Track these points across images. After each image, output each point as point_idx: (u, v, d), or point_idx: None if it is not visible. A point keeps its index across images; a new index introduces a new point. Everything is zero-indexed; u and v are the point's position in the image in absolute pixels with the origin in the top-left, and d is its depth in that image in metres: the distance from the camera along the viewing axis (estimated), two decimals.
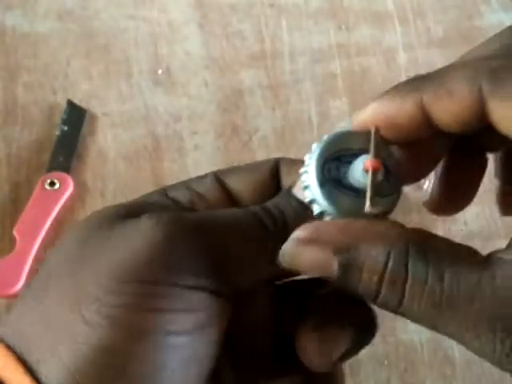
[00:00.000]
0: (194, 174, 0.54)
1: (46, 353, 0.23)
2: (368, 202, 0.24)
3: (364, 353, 0.48)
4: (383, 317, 0.50)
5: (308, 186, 0.25)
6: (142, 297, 0.23)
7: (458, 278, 0.22)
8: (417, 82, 0.26)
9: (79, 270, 0.24)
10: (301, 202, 0.26)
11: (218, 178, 0.28)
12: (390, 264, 0.22)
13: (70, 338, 0.22)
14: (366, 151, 0.25)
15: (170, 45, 0.60)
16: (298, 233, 0.24)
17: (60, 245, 0.26)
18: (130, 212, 0.25)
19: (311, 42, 0.61)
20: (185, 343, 0.23)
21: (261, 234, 0.25)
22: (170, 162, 0.55)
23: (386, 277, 0.22)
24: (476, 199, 0.55)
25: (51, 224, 0.52)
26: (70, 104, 0.57)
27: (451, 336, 0.23)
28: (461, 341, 0.23)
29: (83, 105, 0.57)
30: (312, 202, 0.25)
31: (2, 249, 0.52)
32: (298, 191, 0.26)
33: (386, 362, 0.48)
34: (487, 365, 0.49)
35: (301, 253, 0.24)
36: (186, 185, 0.28)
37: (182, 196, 0.27)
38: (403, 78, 0.59)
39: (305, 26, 0.61)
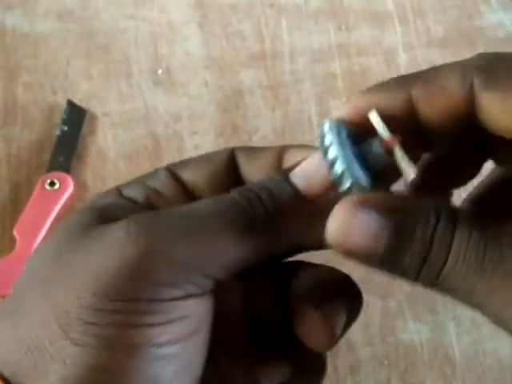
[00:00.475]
0: None
1: (34, 379, 0.22)
2: (412, 169, 0.24)
3: (364, 353, 0.49)
4: (383, 317, 0.50)
5: (337, 158, 0.24)
6: (126, 314, 0.22)
7: (499, 230, 0.22)
8: (407, 78, 0.26)
9: (56, 290, 0.23)
10: (296, 189, 0.25)
11: (171, 171, 0.28)
12: (440, 224, 0.22)
13: (59, 362, 0.22)
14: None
15: (170, 45, 0.60)
16: (348, 200, 0.23)
17: (32, 261, 0.25)
18: (104, 217, 0.25)
19: (311, 42, 0.61)
20: (177, 352, 0.23)
21: (248, 225, 0.24)
22: (170, 162, 0.55)
23: (437, 235, 0.22)
24: None
25: (51, 224, 0.52)
26: (70, 104, 0.57)
27: (486, 302, 0.22)
28: (497, 306, 0.22)
29: (83, 105, 0.57)
30: (341, 175, 0.24)
31: (2, 249, 0.52)
32: (297, 177, 0.25)
33: (386, 362, 0.48)
34: (487, 365, 0.49)
35: (354, 219, 0.23)
36: (139, 182, 0.27)
37: (137, 194, 0.27)
38: None
39: (305, 26, 0.61)
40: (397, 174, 0.25)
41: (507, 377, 0.47)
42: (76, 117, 0.57)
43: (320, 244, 0.25)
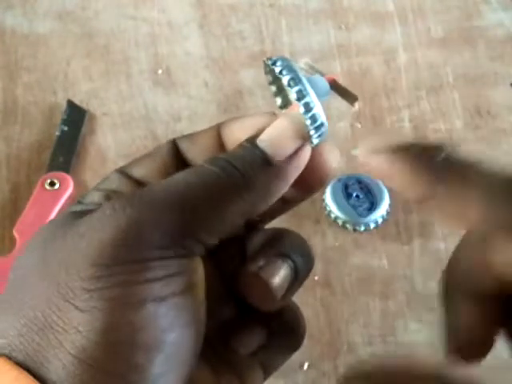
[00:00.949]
0: None
1: (51, 354, 0.23)
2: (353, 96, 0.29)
3: (364, 353, 0.48)
4: (383, 317, 0.50)
5: (294, 79, 0.27)
6: (125, 274, 0.24)
7: None
8: None
9: (55, 270, 0.24)
10: (266, 153, 0.27)
11: (122, 172, 0.29)
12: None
13: (72, 331, 0.23)
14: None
15: (170, 45, 0.60)
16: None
17: (26, 249, 0.27)
18: (84, 212, 0.26)
19: (311, 42, 0.61)
20: (181, 304, 0.24)
21: (227, 191, 0.26)
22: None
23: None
24: None
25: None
26: (70, 104, 0.57)
27: None
28: None
29: (83, 105, 0.57)
30: (300, 93, 0.27)
31: (1, 249, 0.52)
32: (264, 142, 0.27)
33: None
34: (487, 364, 0.49)
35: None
36: (95, 189, 0.29)
37: (97, 198, 0.28)
38: (403, 78, 0.59)
39: (305, 26, 0.61)
40: None
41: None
42: (76, 117, 0.57)
43: (285, 204, 0.29)
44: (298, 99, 0.27)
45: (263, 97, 0.58)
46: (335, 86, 0.29)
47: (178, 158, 0.29)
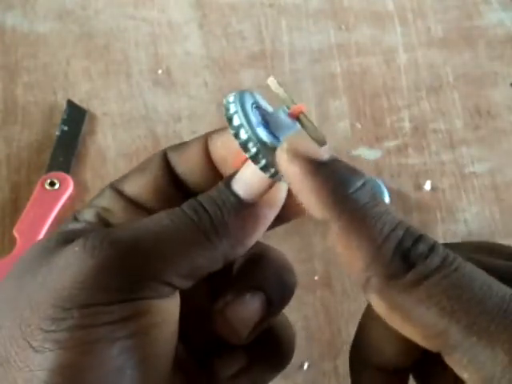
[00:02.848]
0: None
1: None
2: (320, 134, 0.25)
3: None
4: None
5: (241, 126, 0.25)
6: (83, 318, 0.24)
7: None
8: None
9: (21, 306, 0.25)
10: (238, 197, 0.26)
11: (114, 187, 0.29)
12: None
13: (25, 370, 0.24)
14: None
15: (170, 45, 0.60)
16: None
17: (8, 275, 0.27)
18: (65, 240, 0.26)
19: (311, 42, 0.61)
20: (136, 345, 0.24)
21: (199, 236, 0.25)
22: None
23: None
24: (476, 199, 0.55)
25: (51, 224, 0.52)
26: (70, 104, 0.57)
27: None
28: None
29: (83, 105, 0.57)
30: (246, 141, 0.25)
31: (1, 249, 0.52)
32: (237, 183, 0.26)
33: None
34: None
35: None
36: (89, 205, 0.29)
37: (89, 216, 0.28)
38: (403, 78, 0.59)
39: (305, 26, 0.61)
40: None
41: None
42: (76, 117, 0.57)
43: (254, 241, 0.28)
44: (245, 150, 0.25)
45: (263, 97, 0.58)
46: (301, 122, 0.26)
47: (168, 172, 0.29)
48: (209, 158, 0.29)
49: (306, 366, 0.48)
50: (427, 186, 0.54)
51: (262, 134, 0.25)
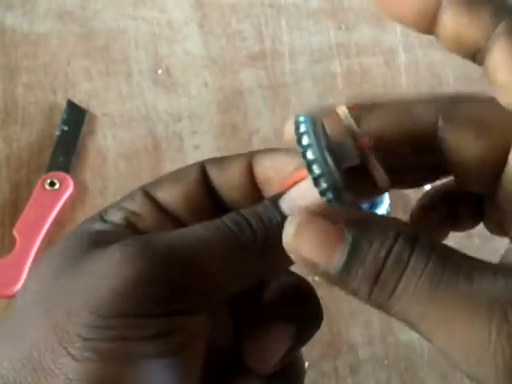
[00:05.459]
0: None
1: None
2: (384, 175, 0.25)
3: (364, 353, 0.49)
4: (383, 317, 0.50)
5: (309, 146, 0.24)
6: (122, 329, 0.23)
7: (459, 262, 0.23)
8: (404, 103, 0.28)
9: (56, 310, 0.24)
10: (284, 216, 0.25)
11: (146, 192, 0.28)
12: (398, 245, 0.22)
13: (62, 377, 0.23)
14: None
15: (170, 45, 0.60)
16: (306, 208, 0.24)
17: (30, 283, 0.26)
18: (94, 241, 0.25)
19: (311, 42, 0.61)
20: (175, 363, 0.24)
21: (239, 251, 0.25)
22: (170, 162, 0.55)
23: (392, 256, 0.22)
24: None
25: (51, 224, 0.52)
26: (70, 104, 0.57)
27: (434, 332, 0.22)
28: (445, 338, 0.22)
29: (83, 105, 0.57)
30: (312, 163, 0.24)
31: (1, 249, 0.52)
32: (286, 203, 0.25)
33: (385, 362, 0.48)
34: None
35: (302, 229, 0.23)
36: (118, 206, 0.28)
37: (117, 218, 0.27)
38: (403, 78, 0.59)
39: (305, 26, 0.61)
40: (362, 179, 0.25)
41: None
42: (76, 117, 0.57)
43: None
44: (309, 171, 0.24)
45: (263, 97, 0.58)
46: (366, 157, 0.25)
47: (204, 182, 0.28)
48: (251, 176, 0.28)
49: (306, 366, 0.48)
50: (427, 185, 0.54)
51: (328, 158, 0.24)
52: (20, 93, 0.58)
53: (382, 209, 0.52)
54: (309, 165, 0.24)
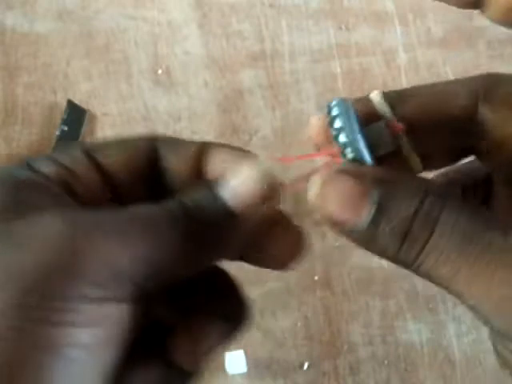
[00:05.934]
0: None
1: None
2: (417, 158, 0.25)
3: (364, 353, 0.49)
4: (383, 317, 0.50)
5: (342, 129, 0.24)
6: (46, 310, 0.22)
7: (490, 218, 0.22)
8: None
9: None
10: (225, 203, 0.24)
11: (86, 151, 0.26)
12: (427, 201, 0.22)
13: None
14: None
15: (170, 45, 0.60)
16: (328, 167, 0.23)
17: None
18: (22, 198, 0.24)
19: (311, 42, 0.61)
20: (99, 355, 0.23)
21: (178, 237, 0.23)
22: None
23: (421, 212, 0.22)
24: None
25: None
26: (70, 104, 0.57)
27: (466, 290, 0.22)
28: (477, 295, 0.22)
29: (83, 105, 0.57)
30: (344, 146, 0.24)
31: None
32: (227, 191, 0.25)
33: (386, 362, 0.48)
34: (487, 365, 0.49)
35: (329, 185, 0.23)
36: (50, 157, 0.26)
37: (49, 169, 0.25)
38: (403, 78, 0.59)
39: (305, 26, 0.61)
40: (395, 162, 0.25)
41: (507, 377, 0.47)
42: (76, 117, 0.57)
43: (241, 255, 0.26)
44: (342, 154, 0.25)
45: (263, 97, 0.58)
46: (400, 142, 0.25)
47: (151, 155, 0.27)
48: (198, 163, 0.27)
49: (306, 366, 0.48)
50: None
51: (361, 140, 0.24)
52: (20, 93, 0.58)
53: None
54: (342, 147, 0.24)
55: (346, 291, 0.50)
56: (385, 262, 0.51)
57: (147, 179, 0.27)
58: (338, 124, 0.24)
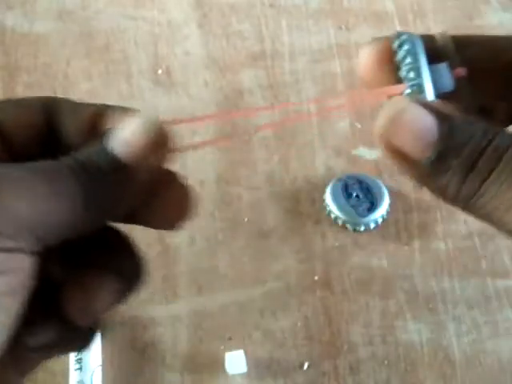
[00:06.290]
0: (194, 173, 0.54)
1: None
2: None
3: (364, 353, 0.49)
4: (383, 317, 0.50)
5: (410, 63, 0.25)
6: None
7: None
8: None
9: None
10: (114, 154, 0.25)
11: None
12: (498, 137, 0.23)
13: None
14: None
15: (170, 45, 0.60)
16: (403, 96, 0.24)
17: None
18: None
19: (311, 42, 0.61)
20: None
21: (77, 190, 0.24)
22: (170, 162, 0.55)
23: (491, 146, 0.22)
24: None
25: None
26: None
27: None
28: None
29: None
30: (410, 79, 0.25)
31: None
32: (115, 142, 0.25)
33: (386, 362, 0.48)
34: (487, 365, 0.49)
35: (404, 114, 0.23)
36: None
37: None
38: None
39: (305, 26, 0.61)
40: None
41: (507, 377, 0.47)
42: None
43: (133, 216, 0.26)
44: (410, 91, 0.25)
45: (263, 96, 0.58)
46: (461, 84, 0.26)
47: (48, 119, 0.27)
48: (95, 125, 0.28)
49: (306, 366, 0.48)
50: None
51: (428, 79, 0.25)
52: (20, 93, 0.58)
53: (382, 209, 0.52)
54: (407, 83, 0.25)
55: (346, 291, 0.50)
56: (385, 262, 0.51)
57: (44, 141, 0.27)
58: (407, 59, 0.25)
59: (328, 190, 0.52)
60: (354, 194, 0.52)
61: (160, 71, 0.59)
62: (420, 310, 0.50)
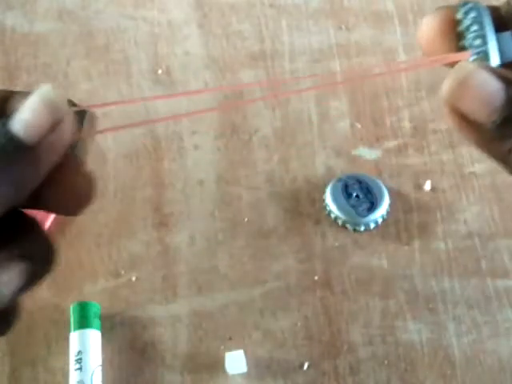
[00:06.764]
0: (193, 174, 0.54)
1: None
2: None
3: (364, 353, 0.49)
4: (383, 317, 0.50)
5: (477, 29, 0.25)
6: None
7: None
8: None
9: None
10: (14, 134, 0.25)
11: None
12: None
13: None
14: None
15: (170, 45, 0.60)
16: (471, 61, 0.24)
17: None
18: None
19: (311, 42, 0.61)
20: None
21: None
22: (170, 162, 0.55)
23: None
24: (476, 199, 0.55)
25: (51, 224, 0.52)
26: (70, 104, 0.57)
27: None
28: None
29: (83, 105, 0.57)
30: (479, 48, 0.26)
31: None
32: (16, 122, 0.26)
33: (386, 362, 0.48)
34: (487, 365, 0.49)
35: (471, 79, 0.24)
36: None
37: None
38: (403, 78, 0.59)
39: (305, 26, 0.61)
40: None
41: (507, 377, 0.47)
42: (76, 117, 0.56)
43: (36, 199, 0.26)
44: (476, 59, 0.26)
45: (263, 96, 0.58)
46: None
47: None
48: (2, 112, 0.28)
49: (306, 366, 0.48)
50: (427, 186, 0.54)
51: (496, 47, 0.26)
52: None
53: (382, 209, 0.52)
54: (473, 50, 0.26)
55: (346, 291, 0.50)
56: (385, 262, 0.51)
57: None
58: (473, 27, 0.26)
59: (328, 190, 0.52)
60: (354, 194, 0.52)
61: (160, 71, 0.59)
62: (420, 310, 0.50)
